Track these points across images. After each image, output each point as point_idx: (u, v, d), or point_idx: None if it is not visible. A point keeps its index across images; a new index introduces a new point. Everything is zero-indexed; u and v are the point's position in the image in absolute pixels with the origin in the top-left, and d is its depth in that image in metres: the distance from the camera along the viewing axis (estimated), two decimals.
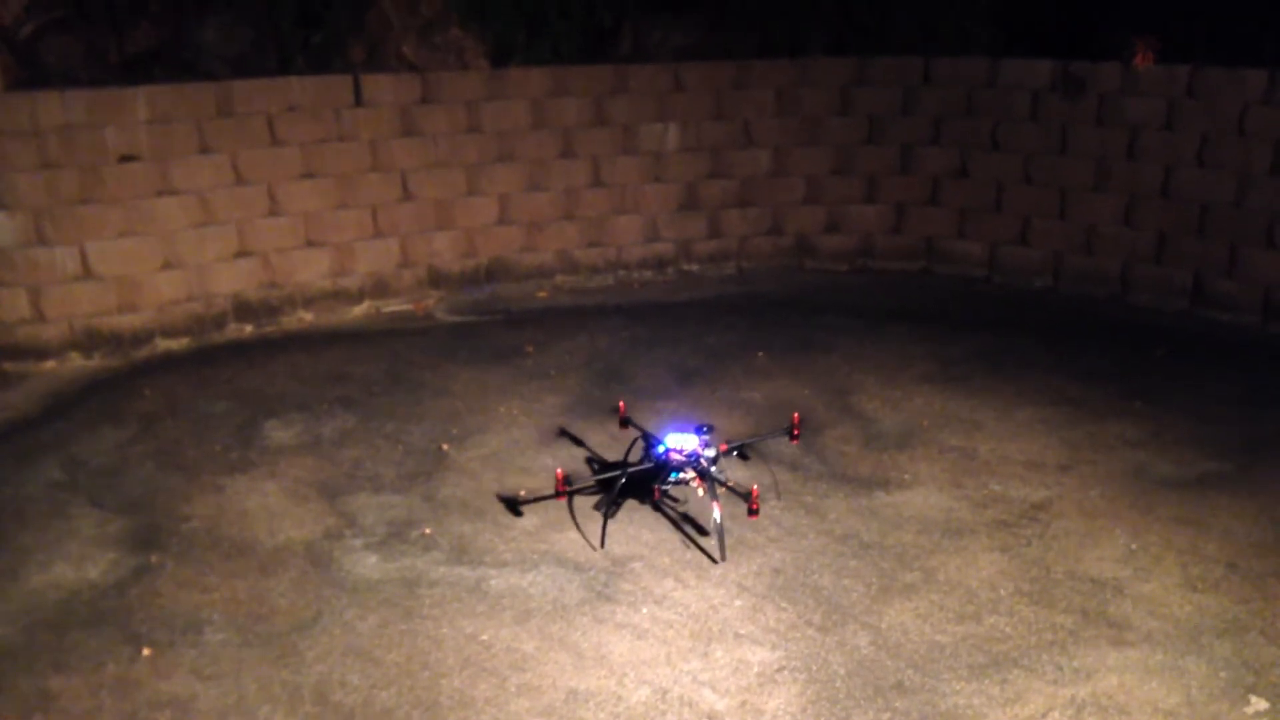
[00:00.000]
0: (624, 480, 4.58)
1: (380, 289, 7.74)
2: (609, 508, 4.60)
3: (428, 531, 4.59)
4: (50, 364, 6.50)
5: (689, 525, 4.61)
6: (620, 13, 8.58)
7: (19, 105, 6.39)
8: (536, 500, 4.79)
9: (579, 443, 5.40)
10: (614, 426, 5.38)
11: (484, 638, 3.86)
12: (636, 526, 4.60)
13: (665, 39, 8.77)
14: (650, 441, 4.69)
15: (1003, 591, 4.13)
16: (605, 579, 4.22)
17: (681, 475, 4.54)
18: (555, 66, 8.14)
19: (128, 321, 6.72)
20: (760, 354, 6.65)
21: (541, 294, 8.12)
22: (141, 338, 6.78)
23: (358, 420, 5.71)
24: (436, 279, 7.94)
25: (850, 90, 8.63)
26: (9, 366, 6.41)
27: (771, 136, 8.63)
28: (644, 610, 4.02)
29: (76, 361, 6.57)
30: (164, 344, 6.86)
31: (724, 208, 8.65)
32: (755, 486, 4.50)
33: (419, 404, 5.91)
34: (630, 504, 4.76)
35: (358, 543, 4.51)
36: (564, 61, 8.24)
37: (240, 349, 6.88)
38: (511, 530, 4.59)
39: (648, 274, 8.52)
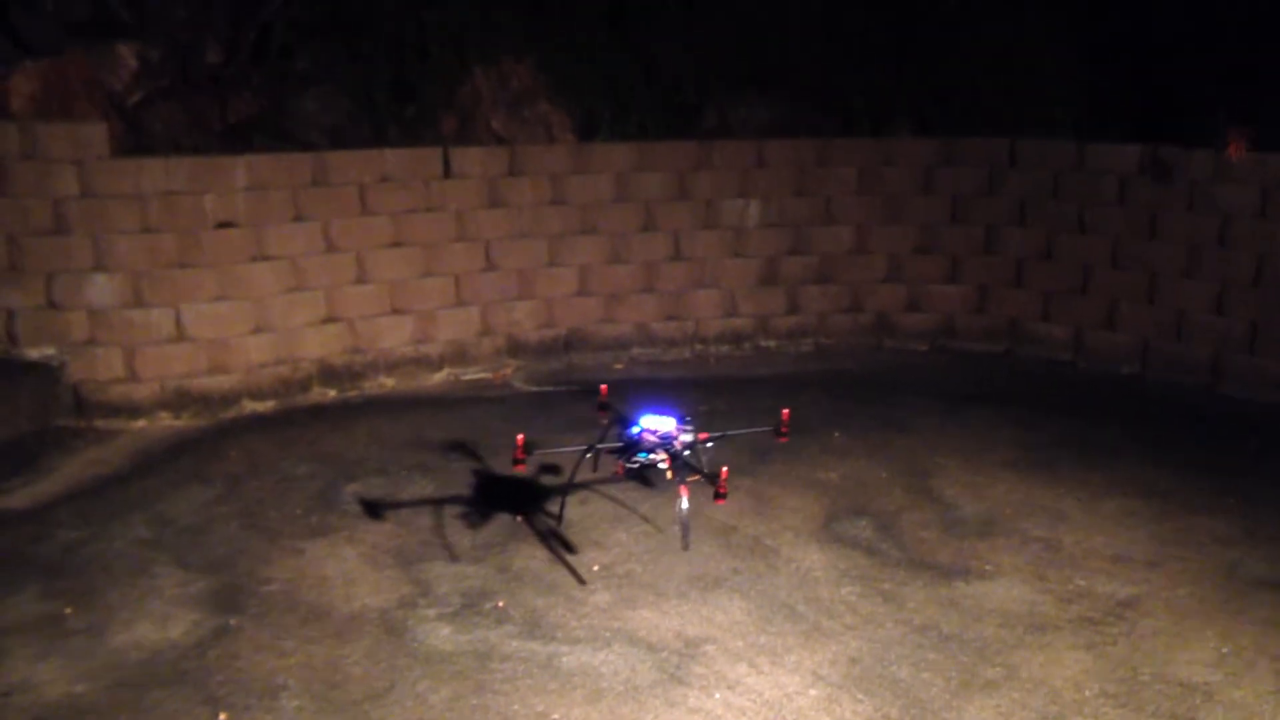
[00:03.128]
0: (590, 455, 4.63)
1: (460, 356, 7.85)
2: (569, 485, 4.62)
3: (501, 604, 4.58)
4: (141, 423, 6.68)
5: (555, 541, 4.61)
6: (706, 89, 8.72)
7: (124, 170, 6.66)
8: (399, 507, 4.83)
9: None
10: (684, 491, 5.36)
11: (555, 716, 3.83)
12: (710, 608, 4.55)
13: (749, 116, 8.88)
14: (626, 423, 4.68)
15: (1088, 692, 3.99)
16: (678, 661, 4.17)
17: (652, 456, 4.51)
18: (639, 141, 8.28)
19: (217, 383, 6.89)
20: (837, 433, 6.59)
21: (618, 365, 8.16)
22: (230, 399, 6.94)
23: (435, 486, 5.76)
24: (515, 348, 8.03)
25: (934, 170, 8.64)
26: (101, 423, 6.60)
27: (853, 214, 8.65)
28: (717, 695, 3.97)
29: (166, 420, 6.75)
30: (250, 405, 7.01)
31: (803, 284, 8.65)
32: (725, 469, 4.37)
33: (495, 472, 5.95)
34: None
35: (431, 613, 4.52)
36: (649, 137, 8.37)
37: (323, 412, 7.01)
38: (584, 606, 4.57)
39: (725, 348, 8.53)
